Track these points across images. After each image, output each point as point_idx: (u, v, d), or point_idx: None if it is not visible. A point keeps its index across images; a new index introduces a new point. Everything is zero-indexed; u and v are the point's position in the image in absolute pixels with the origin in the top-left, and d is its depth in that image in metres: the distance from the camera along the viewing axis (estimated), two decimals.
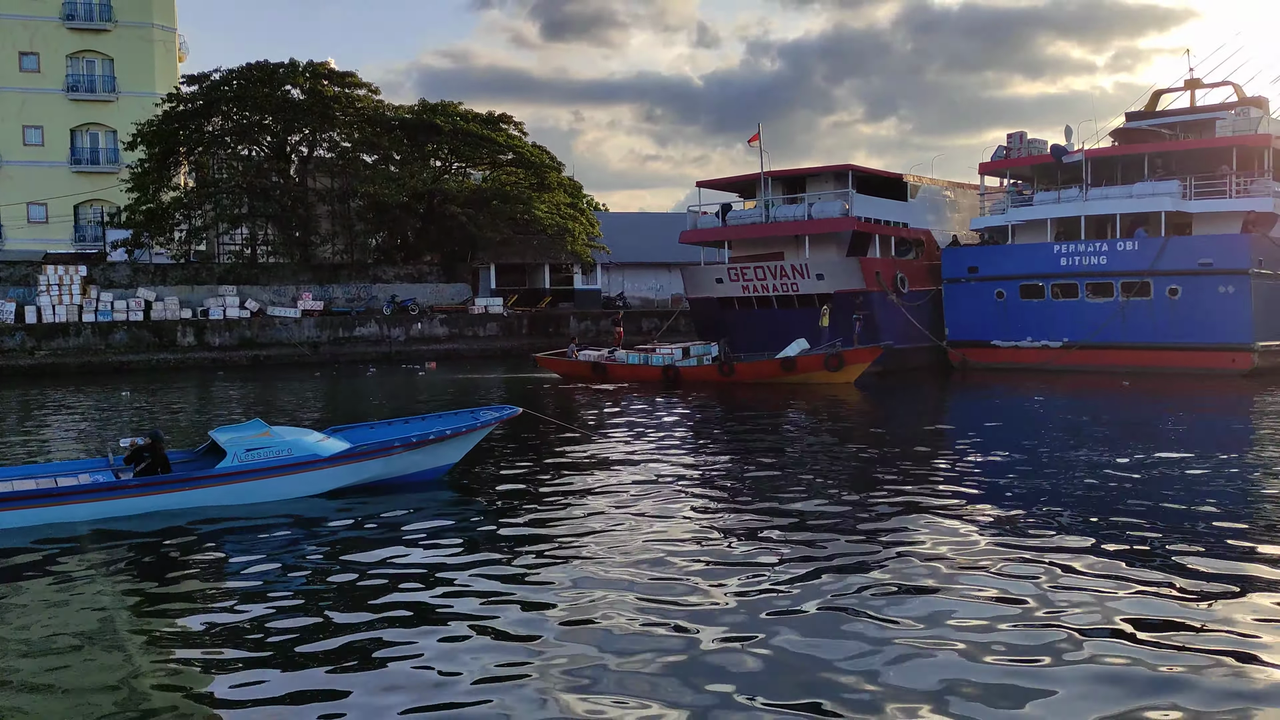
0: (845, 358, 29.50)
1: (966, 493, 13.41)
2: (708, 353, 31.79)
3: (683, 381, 30.52)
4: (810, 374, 29.63)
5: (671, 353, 31.99)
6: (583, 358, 33.50)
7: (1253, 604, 8.47)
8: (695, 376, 30.78)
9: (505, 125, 56.56)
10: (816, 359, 29.70)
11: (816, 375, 29.58)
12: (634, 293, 63.55)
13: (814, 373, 29.60)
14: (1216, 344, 30.86)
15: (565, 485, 14.25)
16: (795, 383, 29.49)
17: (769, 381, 29.85)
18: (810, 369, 29.64)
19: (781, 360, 29.96)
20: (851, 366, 29.64)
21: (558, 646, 7.74)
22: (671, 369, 30.98)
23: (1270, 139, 33.03)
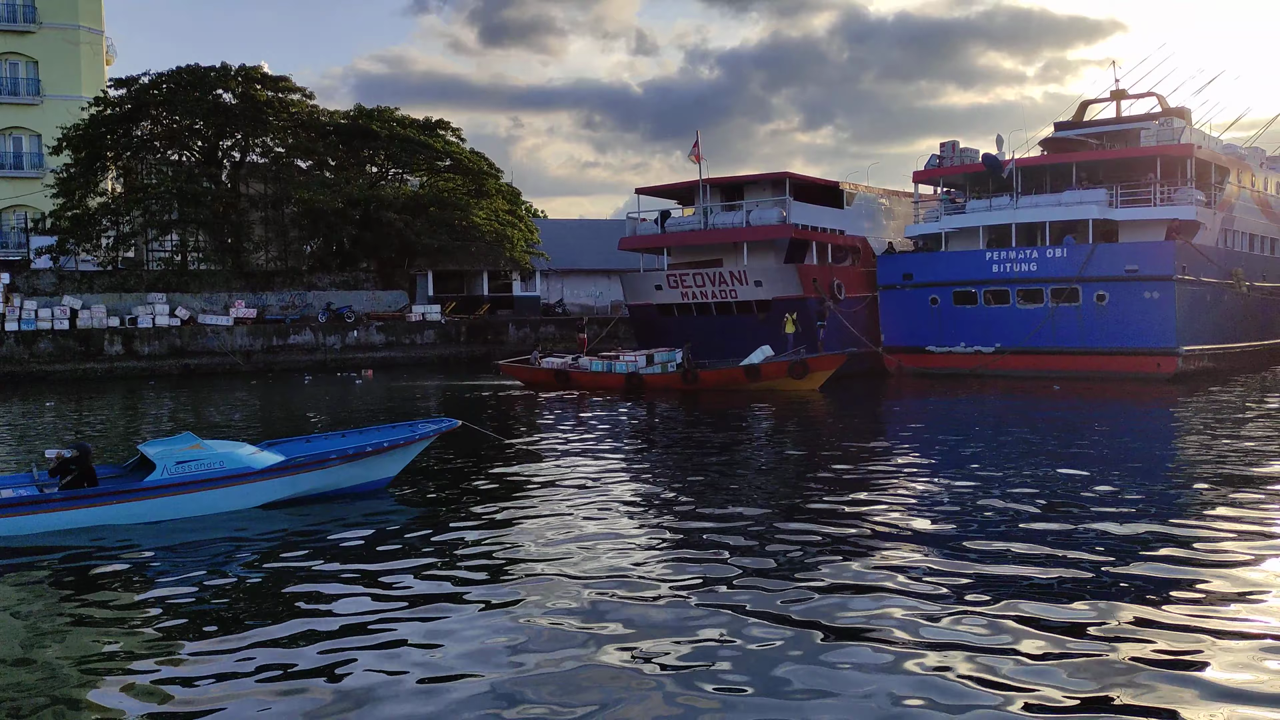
0: (810, 365, 29.50)
1: (904, 501, 13.56)
2: (672, 360, 31.61)
3: (646, 389, 30.29)
4: (775, 381, 29.57)
5: (635, 360, 31.75)
6: (546, 365, 33.25)
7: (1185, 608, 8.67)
8: (659, 384, 30.58)
9: (443, 131, 56.20)
10: (781, 366, 29.67)
11: (781, 382, 29.51)
12: (573, 300, 63.44)
13: (779, 380, 29.55)
14: (1143, 349, 31.66)
15: (506, 498, 14.14)
16: (760, 390, 29.39)
17: (733, 389, 29.73)
18: (775, 376, 29.59)
19: (746, 367, 29.92)
20: (816, 373, 29.64)
21: (497, 659, 7.66)
22: (635, 376, 30.74)
23: (1192, 149, 33.99)
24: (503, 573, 10.13)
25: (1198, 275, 32.44)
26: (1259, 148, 44.89)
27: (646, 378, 30.72)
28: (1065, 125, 40.76)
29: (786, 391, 29.05)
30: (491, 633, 8.32)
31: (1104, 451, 17.39)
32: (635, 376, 30.75)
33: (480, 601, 9.18)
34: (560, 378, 32.28)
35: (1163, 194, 33.52)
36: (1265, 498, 12.97)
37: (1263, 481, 14.07)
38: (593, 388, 31.33)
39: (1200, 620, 8.23)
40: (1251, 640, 7.78)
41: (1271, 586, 9.16)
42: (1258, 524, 11.49)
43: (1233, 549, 10.44)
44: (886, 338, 37.02)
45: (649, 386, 30.42)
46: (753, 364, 29.94)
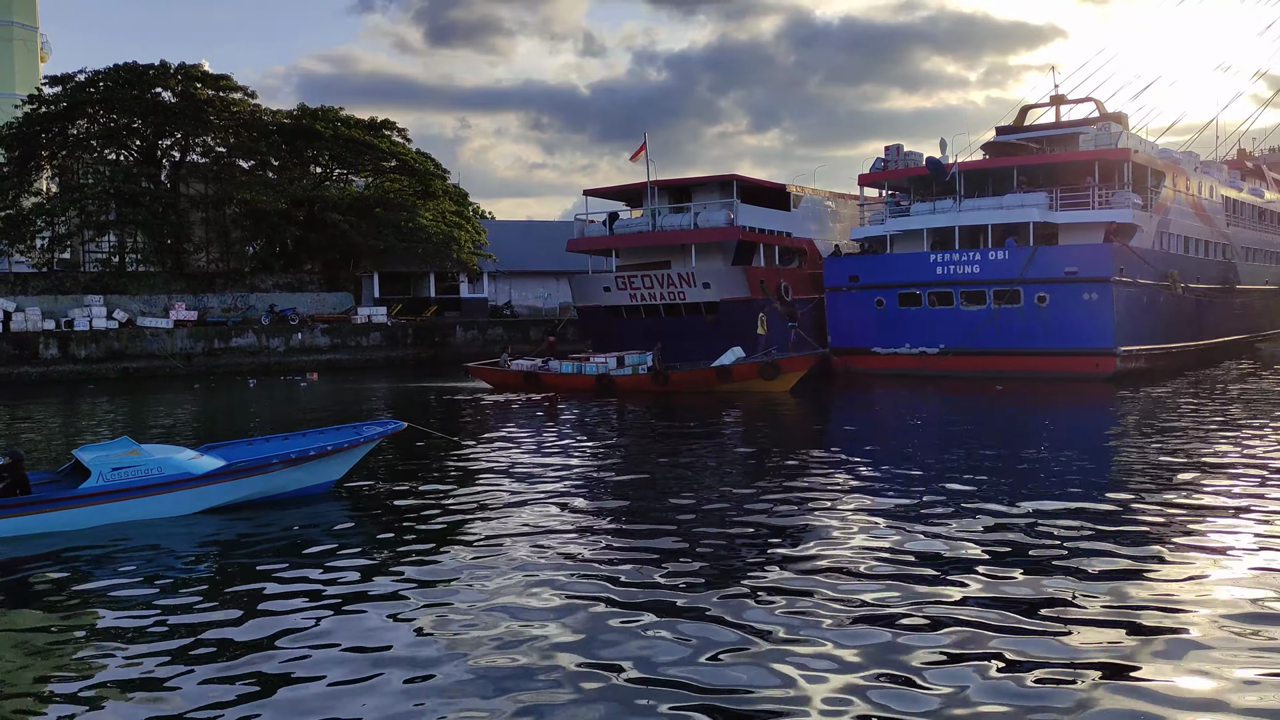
0: (781, 366, 29.42)
1: (851, 501, 13.66)
2: (643, 362, 31.34)
3: (617, 391, 30.05)
4: (746, 382, 29.42)
5: (605, 362, 31.42)
6: (515, 368, 32.93)
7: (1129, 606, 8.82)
8: (630, 386, 30.33)
9: (388, 131, 55.66)
10: (752, 367, 29.55)
11: (753, 384, 29.37)
12: (521, 301, 63.17)
13: (750, 381, 29.41)
14: (1082, 349, 32.24)
15: (454, 501, 14.00)
16: (731, 391, 29.21)
17: (704, 390, 29.54)
18: (746, 377, 29.45)
19: (717, 369, 29.78)
20: (787, 375, 29.55)
21: (438, 665, 7.58)
22: (606, 378, 30.50)
23: (1129, 153, 34.71)
24: (444, 578, 10.01)
25: (1135, 277, 33.11)
26: (1193, 152, 46.01)
27: (617, 380, 30.48)
28: (1006, 129, 41.40)
29: (758, 393, 28.90)
30: (424, 641, 8.22)
31: (1044, 450, 17.68)
32: (606, 378, 30.49)
33: (418, 606, 9.07)
34: (530, 380, 31.94)
35: (1101, 197, 34.18)
36: (1196, 491, 13.26)
37: (1194, 476, 14.39)
38: (563, 390, 31.02)
39: (1139, 613, 8.39)
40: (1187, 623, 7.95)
41: (1197, 573, 9.37)
42: (1187, 516, 11.75)
43: (1162, 540, 10.67)
44: (833, 339, 37.32)
45: (620, 388, 30.18)
46: (724, 365, 29.79)
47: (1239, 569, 9.74)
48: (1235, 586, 9.16)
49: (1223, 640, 7.79)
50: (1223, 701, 6.70)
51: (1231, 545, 10.63)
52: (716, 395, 28.69)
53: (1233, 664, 7.31)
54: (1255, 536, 10.95)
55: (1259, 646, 7.64)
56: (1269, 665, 7.28)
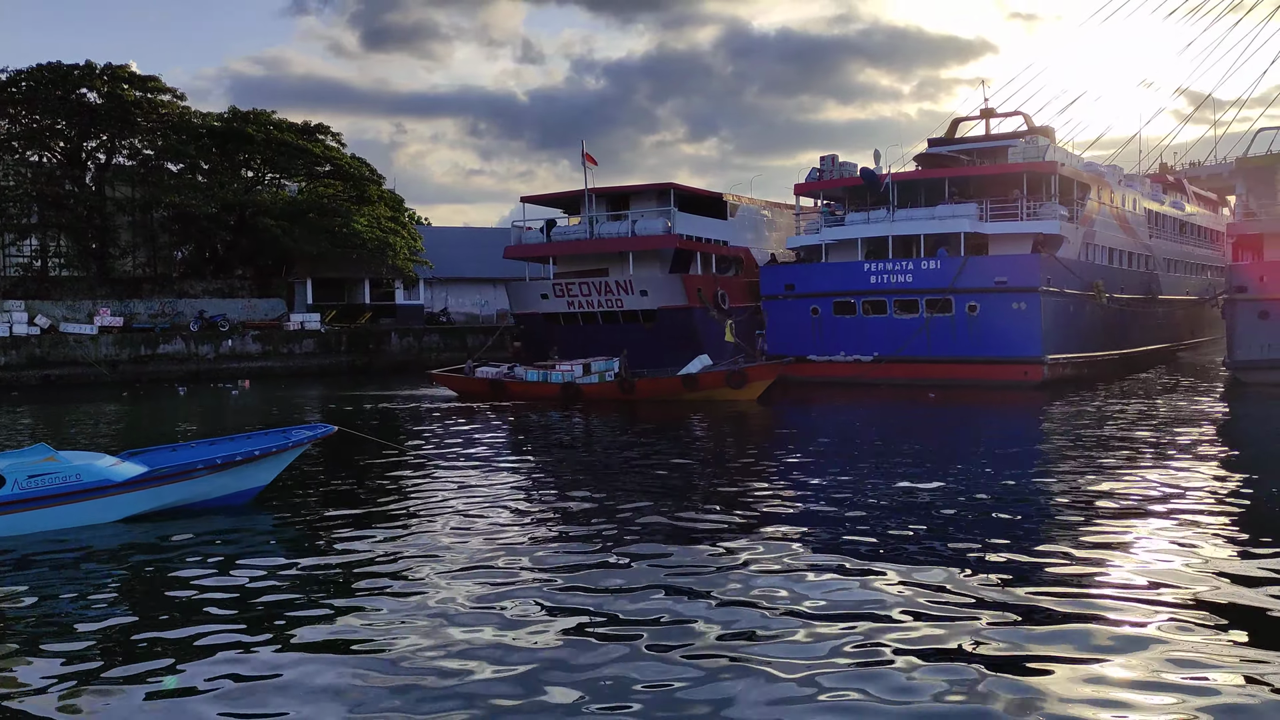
0: (748, 374, 29.18)
1: (786, 510, 13.73)
2: (610, 369, 31.00)
3: (583, 399, 29.67)
4: (713, 391, 29.14)
5: (571, 369, 31.01)
6: (480, 375, 32.47)
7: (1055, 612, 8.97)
8: (595, 394, 29.95)
9: (322, 136, 54.92)
10: (719, 376, 29.30)
11: (719, 392, 29.08)
12: (458, 308, 62.68)
13: (716, 390, 29.12)
14: (1011, 357, 32.85)
15: (384, 508, 13.80)
16: (697, 400, 28.92)
17: (671, 399, 29.22)
18: (712, 386, 29.17)
19: (683, 377, 29.50)
20: (754, 383, 29.29)
21: (365, 676, 7.44)
22: (571, 386, 30.13)
23: (1056, 166, 35.51)
24: (372, 587, 9.83)
25: (1061, 287, 33.85)
26: (1117, 166, 47.25)
27: (583, 387, 30.14)
28: (938, 141, 42.13)
29: (725, 401, 28.62)
30: (348, 653, 8.07)
31: (975, 453, 17.96)
32: (571, 386, 30.15)
33: (343, 614, 8.90)
34: (495, 388, 31.52)
35: (1029, 209, 34.92)
36: (1115, 493, 13.57)
37: (1114, 479, 14.72)
38: (528, 398, 30.61)
39: (1069, 608, 8.54)
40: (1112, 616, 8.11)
41: (1123, 563, 9.58)
42: (1108, 514, 12.01)
43: (1085, 538, 10.89)
44: (769, 347, 37.58)
45: (585, 396, 29.85)
46: (690, 374, 29.51)
47: (1146, 564, 9.97)
48: (1140, 578, 9.38)
49: (1125, 640, 7.96)
50: (1129, 691, 6.84)
51: (1141, 541, 10.88)
52: (683, 404, 28.42)
53: (1139, 656, 7.48)
54: (1165, 533, 11.23)
55: (1159, 640, 7.82)
56: (1178, 655, 7.45)
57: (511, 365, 32.77)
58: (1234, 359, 32.62)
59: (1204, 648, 7.68)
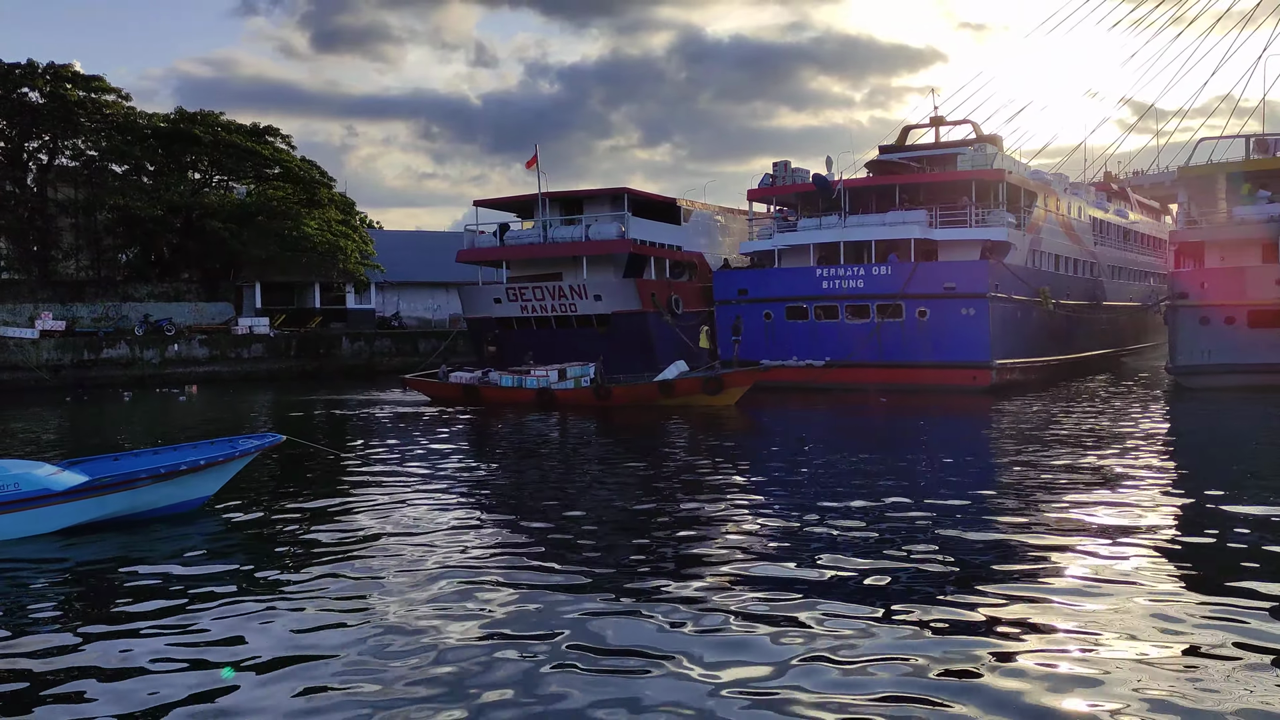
0: (725, 380, 28.85)
1: (742, 511, 13.77)
2: (585, 374, 30.66)
3: (558, 405, 29.30)
4: (689, 397, 28.81)
5: (546, 375, 30.61)
6: (455, 380, 32.09)
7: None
8: (571, 399, 29.60)
9: (271, 138, 54.26)
10: (695, 382, 28.96)
11: (696, 398, 28.75)
12: (410, 313, 62.17)
13: (693, 395, 28.80)
14: (960, 362, 33.26)
15: (333, 518, 13.61)
16: (674, 406, 28.56)
17: (647, 404, 28.92)
18: (689, 392, 28.84)
19: (660, 383, 29.24)
20: (731, 389, 28.98)
21: (312, 687, 7.33)
22: (546, 392, 29.75)
23: (1004, 174, 36.03)
24: (320, 602, 9.67)
25: (1009, 293, 34.34)
26: (1063, 174, 48.03)
27: (558, 393, 29.78)
28: (889, 149, 42.55)
29: (701, 407, 28.31)
30: (293, 667, 7.95)
31: (925, 456, 18.14)
32: (546, 392, 29.78)
33: (288, 630, 8.75)
34: (469, 393, 31.12)
35: (977, 216, 35.40)
36: (1060, 493, 13.77)
37: (1059, 481, 14.95)
38: (503, 403, 30.23)
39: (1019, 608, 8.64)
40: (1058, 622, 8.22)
41: (1068, 565, 9.72)
42: (1054, 515, 12.19)
43: (1031, 539, 11.03)
44: (723, 352, 37.68)
45: (561, 402, 29.51)
46: (667, 379, 29.26)
47: (1091, 560, 10.13)
48: (1087, 577, 9.52)
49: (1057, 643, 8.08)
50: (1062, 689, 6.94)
51: (1087, 539, 11.05)
52: (659, 410, 28.12)
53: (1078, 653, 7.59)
54: (1110, 530, 11.42)
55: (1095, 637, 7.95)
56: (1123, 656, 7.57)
57: (486, 370, 32.50)
58: (1176, 364, 33.31)
59: (1148, 641, 7.81)
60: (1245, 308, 31.84)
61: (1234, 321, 31.86)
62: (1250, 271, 32.45)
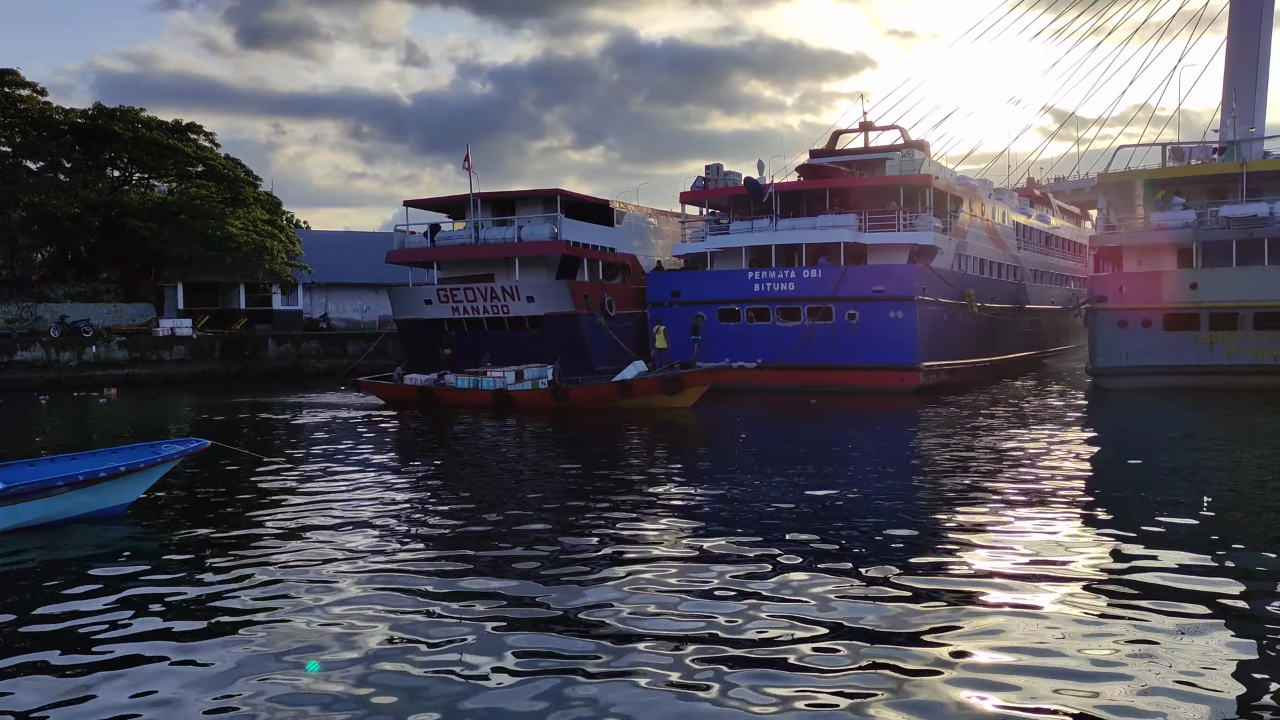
0: (684, 381, 28.57)
1: (671, 512, 13.77)
2: (543, 376, 30.23)
3: (515, 407, 28.90)
4: (648, 398, 28.51)
5: (503, 376, 30.15)
6: (409, 382, 31.53)
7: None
8: (528, 401, 29.20)
9: (194, 135, 52.97)
10: (654, 382, 28.62)
11: (654, 399, 28.46)
12: (339, 314, 61.20)
13: (651, 396, 28.49)
14: (889, 364, 33.77)
15: (261, 526, 13.29)
16: (632, 407, 28.30)
17: (605, 406, 28.62)
18: (648, 393, 28.52)
19: (618, 384, 28.92)
20: (690, 390, 28.74)
21: (233, 699, 7.15)
22: (503, 394, 29.33)
23: (931, 179, 36.66)
24: (240, 613, 9.43)
25: (936, 296, 34.95)
26: (988, 179, 49.10)
27: (515, 395, 29.40)
28: (819, 153, 43.05)
29: (660, 408, 28.08)
30: (210, 679, 7.75)
31: (854, 456, 18.36)
32: (503, 394, 29.39)
33: (209, 643, 8.52)
34: (425, 395, 30.68)
35: (905, 220, 35.97)
36: (984, 491, 14.05)
37: (983, 479, 15.25)
38: (459, 405, 29.78)
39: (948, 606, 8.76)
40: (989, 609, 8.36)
41: (989, 560, 9.90)
42: (977, 510, 12.43)
43: (954, 534, 11.23)
44: (655, 353, 37.76)
45: (518, 404, 29.14)
46: (625, 380, 28.95)
47: (1014, 555, 10.34)
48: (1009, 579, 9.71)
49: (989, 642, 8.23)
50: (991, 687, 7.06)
51: (1008, 535, 11.28)
52: (617, 411, 27.89)
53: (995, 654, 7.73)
54: (1032, 527, 11.67)
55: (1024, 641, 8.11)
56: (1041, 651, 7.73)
57: (442, 372, 32.09)
58: (1095, 365, 34.22)
59: (1070, 634, 7.98)
60: (1161, 311, 32.84)
61: (1150, 324, 32.84)
62: (1166, 276, 33.48)
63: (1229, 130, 41.81)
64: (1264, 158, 39.20)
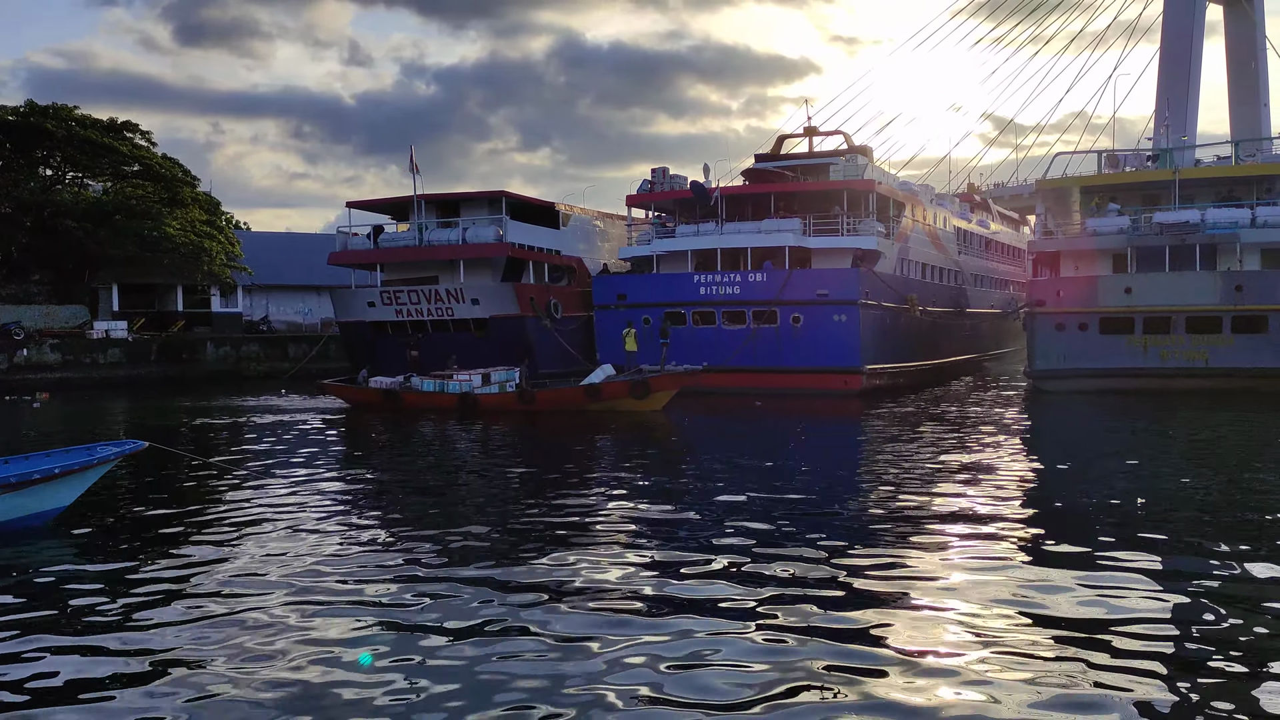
0: (652, 384, 28.33)
1: (618, 519, 13.76)
2: (510, 379, 29.94)
3: (481, 410, 28.53)
4: (615, 401, 28.26)
5: (470, 379, 29.71)
6: (375, 385, 31.01)
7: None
8: (494, 404, 28.88)
9: (131, 134, 51.82)
10: (622, 386, 28.39)
11: (622, 403, 28.21)
12: (280, 316, 60.27)
13: (620, 400, 28.24)
14: (832, 367, 34.05)
15: (200, 531, 13.02)
16: (600, 411, 28.08)
17: (572, 410, 28.36)
18: (615, 396, 28.29)
19: (586, 387, 28.72)
20: (658, 394, 28.50)
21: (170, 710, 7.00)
22: (469, 397, 28.96)
23: (874, 184, 37.09)
24: (178, 620, 9.21)
25: (879, 300, 35.35)
26: (929, 185, 49.83)
27: (481, 398, 29.07)
28: (764, 157, 43.34)
29: (628, 412, 27.87)
30: (149, 690, 7.58)
31: (798, 458, 18.49)
32: (469, 397, 29.03)
33: (148, 650, 8.32)
34: (390, 398, 30.26)
35: (849, 225, 36.34)
36: (924, 492, 14.25)
37: (923, 480, 15.45)
38: (424, 409, 29.34)
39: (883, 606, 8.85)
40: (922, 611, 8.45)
41: (925, 557, 10.04)
42: (921, 514, 12.59)
43: (894, 535, 11.37)
44: (601, 356, 37.70)
45: (483, 407, 28.79)
46: (593, 384, 28.77)
47: (951, 555, 10.49)
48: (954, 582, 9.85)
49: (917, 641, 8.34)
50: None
51: (947, 536, 11.45)
52: (585, 415, 27.66)
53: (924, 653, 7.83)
54: (971, 527, 11.86)
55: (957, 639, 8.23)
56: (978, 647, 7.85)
57: (408, 375, 31.66)
58: (1034, 368, 34.84)
59: (1005, 641, 8.10)
60: (1097, 315, 33.54)
61: (1087, 328, 33.53)
62: (1102, 280, 34.21)
63: (1162, 138, 42.91)
64: (1195, 165, 40.28)
